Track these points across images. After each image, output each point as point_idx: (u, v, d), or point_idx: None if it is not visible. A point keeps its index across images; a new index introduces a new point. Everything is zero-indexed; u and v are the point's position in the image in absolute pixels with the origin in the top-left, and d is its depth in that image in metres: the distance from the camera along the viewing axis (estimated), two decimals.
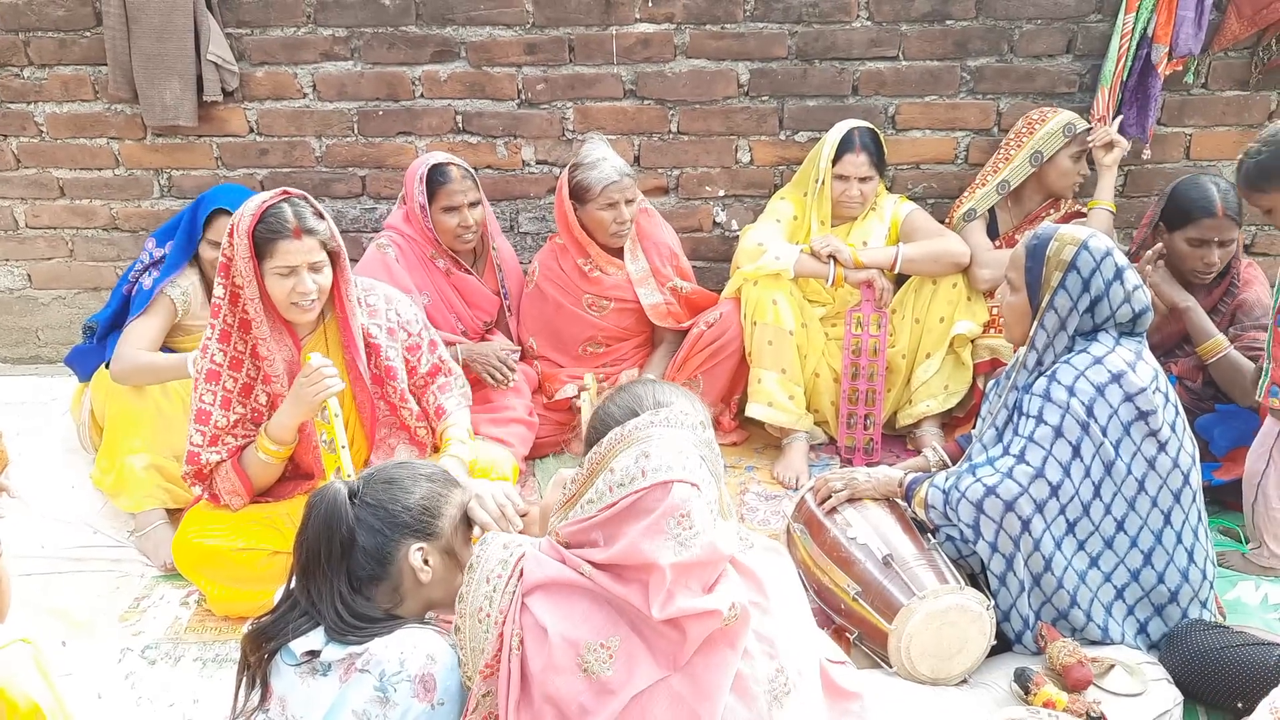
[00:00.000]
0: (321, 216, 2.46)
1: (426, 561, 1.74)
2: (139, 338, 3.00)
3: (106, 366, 3.05)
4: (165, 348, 3.10)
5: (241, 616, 2.64)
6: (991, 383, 2.63)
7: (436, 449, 2.69)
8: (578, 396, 3.25)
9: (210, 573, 2.59)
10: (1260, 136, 2.54)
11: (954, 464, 2.64)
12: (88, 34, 3.55)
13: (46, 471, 3.25)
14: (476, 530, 1.85)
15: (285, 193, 2.44)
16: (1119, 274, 2.25)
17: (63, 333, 4.04)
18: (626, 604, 1.49)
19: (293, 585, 1.77)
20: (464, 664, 1.61)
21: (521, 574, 1.57)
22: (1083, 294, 2.25)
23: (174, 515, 2.92)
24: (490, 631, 1.55)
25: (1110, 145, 3.18)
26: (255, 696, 1.72)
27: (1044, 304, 2.28)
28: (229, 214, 2.99)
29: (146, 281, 3.10)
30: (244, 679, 1.74)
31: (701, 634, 1.46)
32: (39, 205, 3.83)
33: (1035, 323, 2.31)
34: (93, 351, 3.21)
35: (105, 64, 3.55)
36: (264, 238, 2.37)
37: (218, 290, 2.45)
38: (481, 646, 1.56)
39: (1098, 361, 2.21)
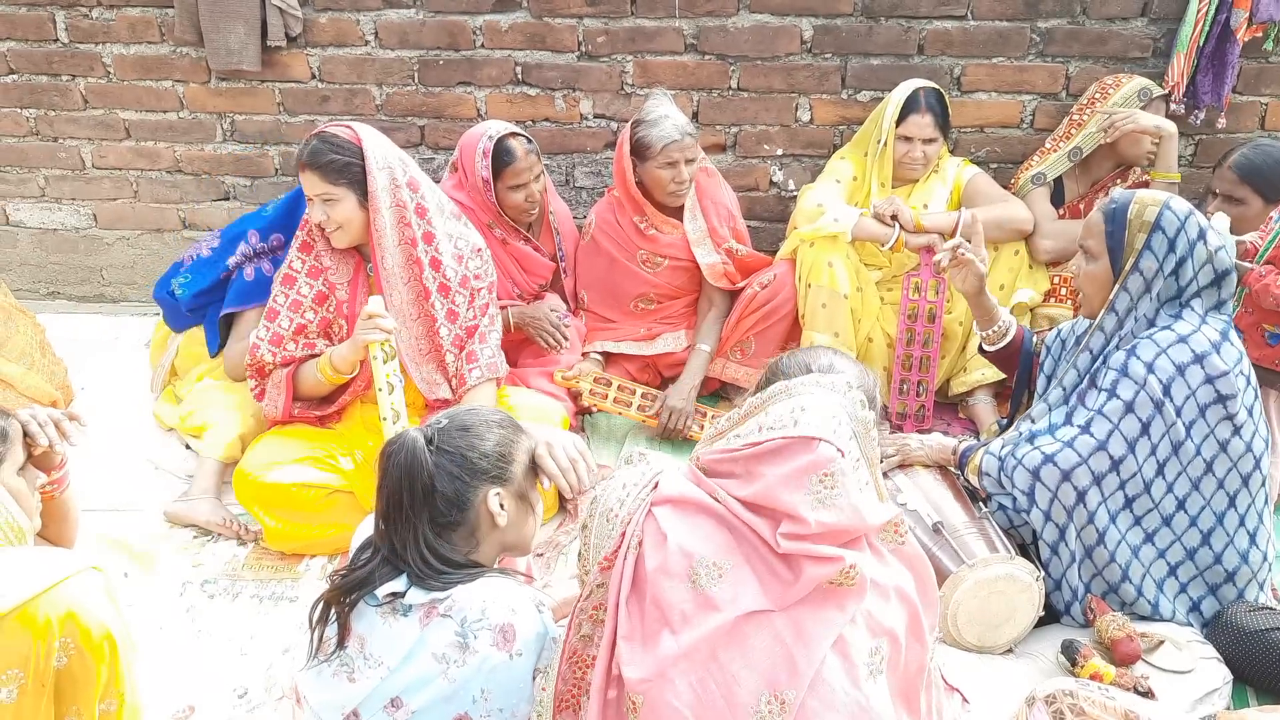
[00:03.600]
0: (344, 152, 2.59)
1: (502, 506, 1.78)
2: (245, 339, 2.98)
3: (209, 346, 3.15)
4: None
5: (297, 554, 2.72)
6: (1053, 334, 2.59)
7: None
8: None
9: (269, 508, 2.66)
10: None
11: (1012, 345, 2.65)
12: None
13: (110, 408, 3.34)
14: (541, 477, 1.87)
15: (342, 125, 2.66)
16: (1202, 234, 2.21)
17: (126, 272, 4.12)
18: (751, 535, 1.54)
19: (376, 536, 1.78)
20: (583, 559, 1.69)
21: (656, 486, 1.63)
22: (1168, 254, 2.20)
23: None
24: (615, 530, 1.61)
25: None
26: (332, 637, 1.75)
27: (1128, 267, 2.24)
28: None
29: (249, 270, 3.07)
30: (323, 623, 1.76)
31: (814, 579, 1.49)
32: (105, 146, 3.90)
33: (1118, 286, 2.26)
34: (183, 314, 3.21)
35: (172, 6, 3.58)
36: (298, 171, 2.65)
37: (307, 207, 2.68)
38: (602, 544, 1.63)
39: (1182, 340, 2.18)
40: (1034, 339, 2.66)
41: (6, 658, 1.65)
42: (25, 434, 1.90)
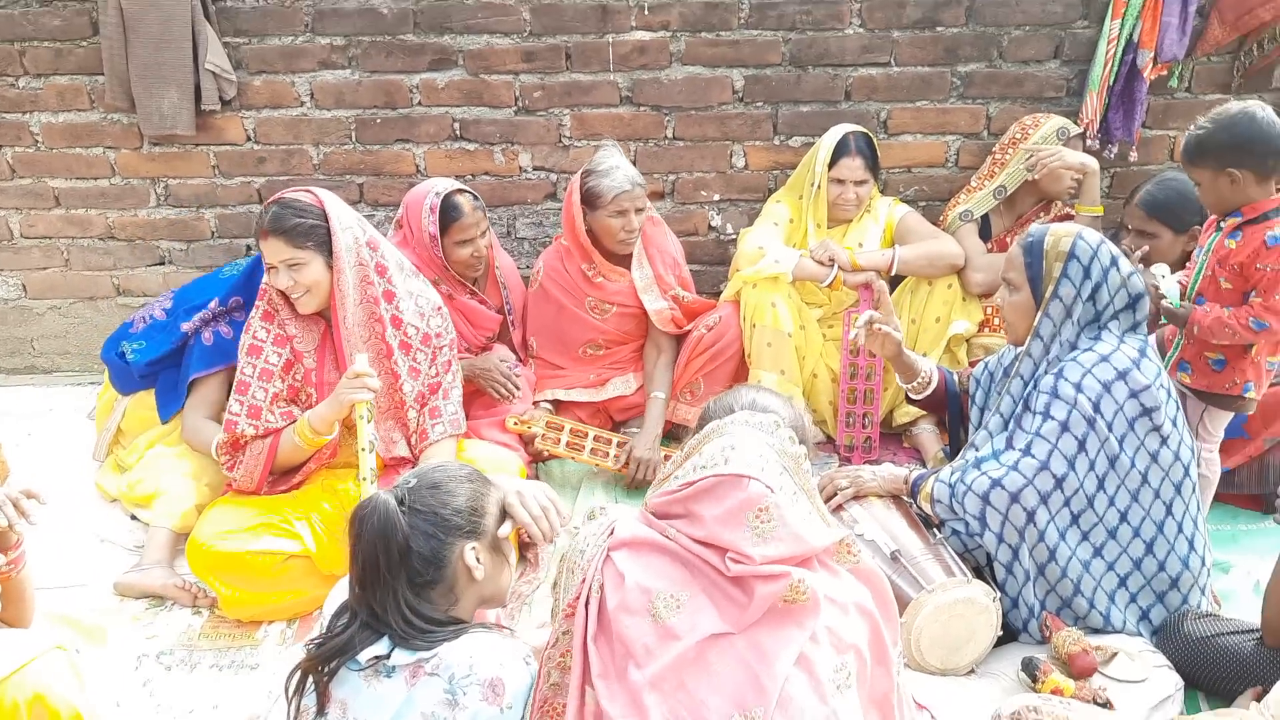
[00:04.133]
0: (308, 215, 2.59)
1: (479, 559, 1.78)
2: (203, 405, 3.00)
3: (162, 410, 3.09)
4: None
5: (255, 620, 2.67)
6: (980, 368, 2.69)
7: (415, 461, 2.80)
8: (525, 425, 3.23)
9: (225, 576, 2.61)
10: (1210, 113, 2.54)
11: (937, 392, 2.76)
12: (84, 43, 3.56)
13: (50, 481, 3.24)
14: (508, 527, 1.88)
15: (302, 189, 2.66)
16: (1114, 261, 2.35)
17: (58, 342, 4.03)
18: (703, 565, 1.60)
19: (352, 601, 1.77)
20: (554, 611, 1.74)
21: (612, 533, 1.68)
22: (1084, 280, 2.33)
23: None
24: (578, 578, 1.66)
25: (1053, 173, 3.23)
26: (310, 705, 1.72)
27: (1048, 295, 2.36)
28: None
29: (207, 335, 3.04)
30: (299, 692, 1.74)
31: (766, 598, 1.54)
32: (34, 215, 3.83)
33: (1040, 313, 2.38)
34: (134, 378, 3.14)
35: (102, 73, 3.56)
36: (259, 237, 2.63)
37: (267, 275, 2.67)
38: (569, 594, 1.67)
39: (1104, 359, 2.29)
40: (956, 378, 2.79)
41: None
42: None
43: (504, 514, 1.88)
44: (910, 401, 2.85)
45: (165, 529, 2.85)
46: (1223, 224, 2.56)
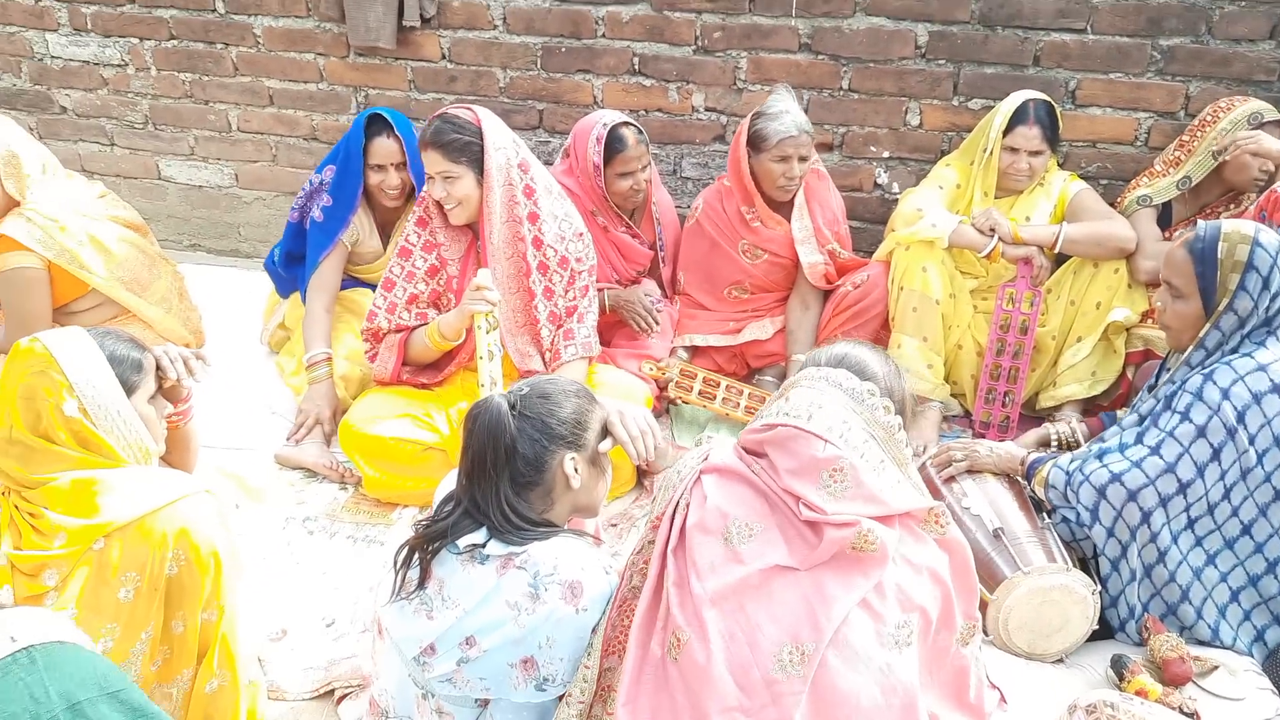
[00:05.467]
0: (464, 132, 2.74)
1: (577, 469, 1.90)
2: (323, 290, 3.32)
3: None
4: (347, 275, 3.46)
5: (391, 502, 2.92)
6: (1148, 382, 2.58)
7: None
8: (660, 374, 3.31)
9: (370, 457, 2.86)
10: None
11: (1088, 440, 2.63)
12: None
13: (236, 355, 3.61)
14: (609, 443, 1.99)
15: (464, 107, 2.81)
16: None
17: (261, 230, 4.41)
18: (781, 503, 1.68)
19: (458, 491, 1.93)
20: (650, 517, 1.85)
21: (706, 457, 1.79)
22: (1263, 291, 2.21)
23: None
24: (668, 494, 1.78)
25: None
26: (414, 579, 1.90)
27: (1221, 308, 2.23)
28: (390, 132, 3.25)
29: (317, 212, 3.31)
30: (406, 565, 1.92)
31: (834, 542, 1.61)
32: (250, 111, 4.18)
33: (1210, 325, 2.26)
34: (286, 279, 3.52)
35: None
36: (420, 149, 2.80)
37: (426, 184, 2.84)
38: (659, 508, 1.80)
39: (1261, 368, 2.18)
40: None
41: (126, 562, 1.87)
42: (158, 367, 2.11)
43: (605, 431, 1.99)
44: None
45: None
46: None
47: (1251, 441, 2.16)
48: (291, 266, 3.47)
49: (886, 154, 3.70)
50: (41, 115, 4.39)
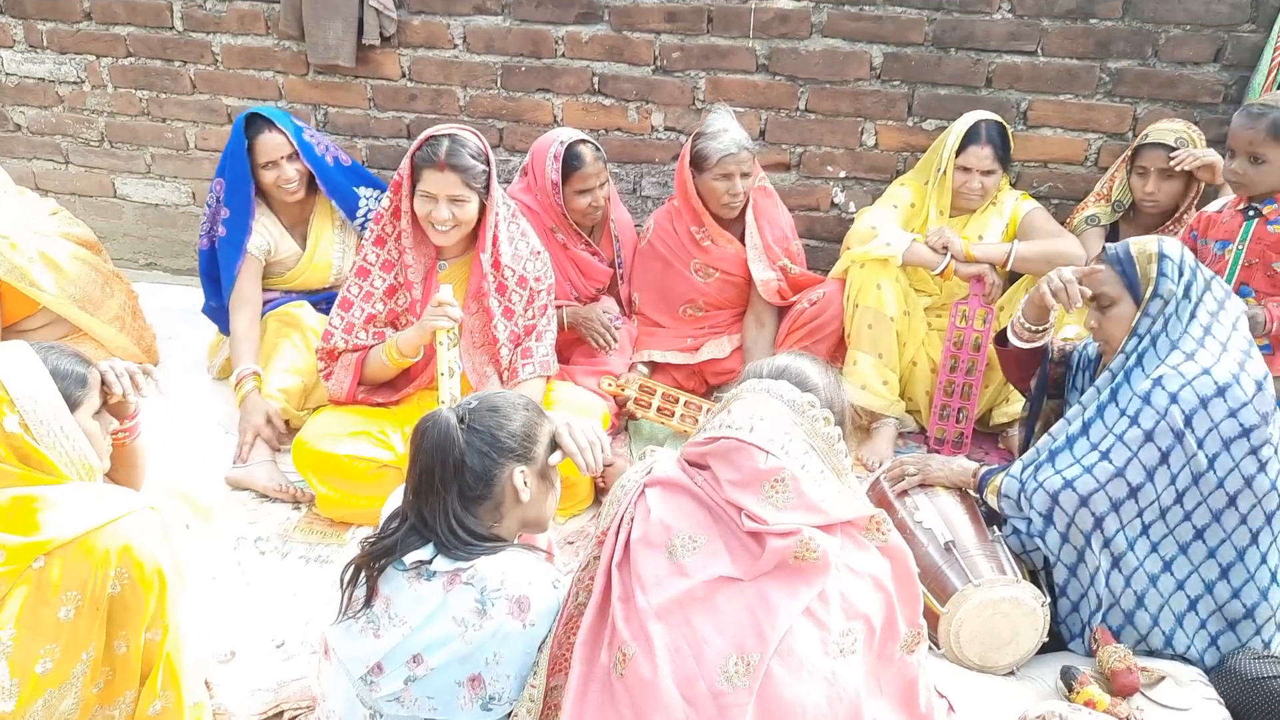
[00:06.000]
0: (478, 157, 2.72)
1: (526, 483, 1.89)
2: (244, 305, 3.35)
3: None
4: (278, 290, 3.50)
5: (345, 521, 2.89)
6: (1082, 346, 2.62)
7: None
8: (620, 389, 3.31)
9: (323, 475, 2.84)
10: None
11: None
12: None
13: (190, 373, 3.57)
14: (558, 456, 1.98)
15: (462, 128, 2.76)
16: (1197, 262, 2.32)
17: None
18: (724, 514, 1.69)
19: (405, 506, 1.91)
20: (595, 533, 1.85)
21: (650, 471, 1.79)
22: (1180, 275, 2.29)
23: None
24: (613, 509, 1.79)
25: (1206, 166, 3.09)
26: (360, 597, 1.88)
27: (1149, 295, 2.31)
28: (271, 127, 3.27)
29: (220, 229, 3.34)
30: (353, 583, 1.89)
31: (777, 551, 1.62)
32: (208, 129, 4.16)
33: (1140, 312, 2.32)
34: (220, 310, 3.50)
35: (278, 1, 3.83)
36: (418, 163, 2.72)
37: (385, 201, 2.84)
38: (604, 523, 1.81)
39: (1205, 372, 2.21)
40: (1052, 347, 2.68)
41: (67, 581, 1.83)
42: (103, 382, 2.08)
43: (555, 445, 1.99)
44: (1000, 343, 2.71)
45: None
46: (1255, 211, 2.60)
47: (1200, 445, 2.20)
48: (217, 296, 3.46)
49: (843, 174, 3.74)
50: None
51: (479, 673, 1.78)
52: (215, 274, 3.43)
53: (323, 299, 3.47)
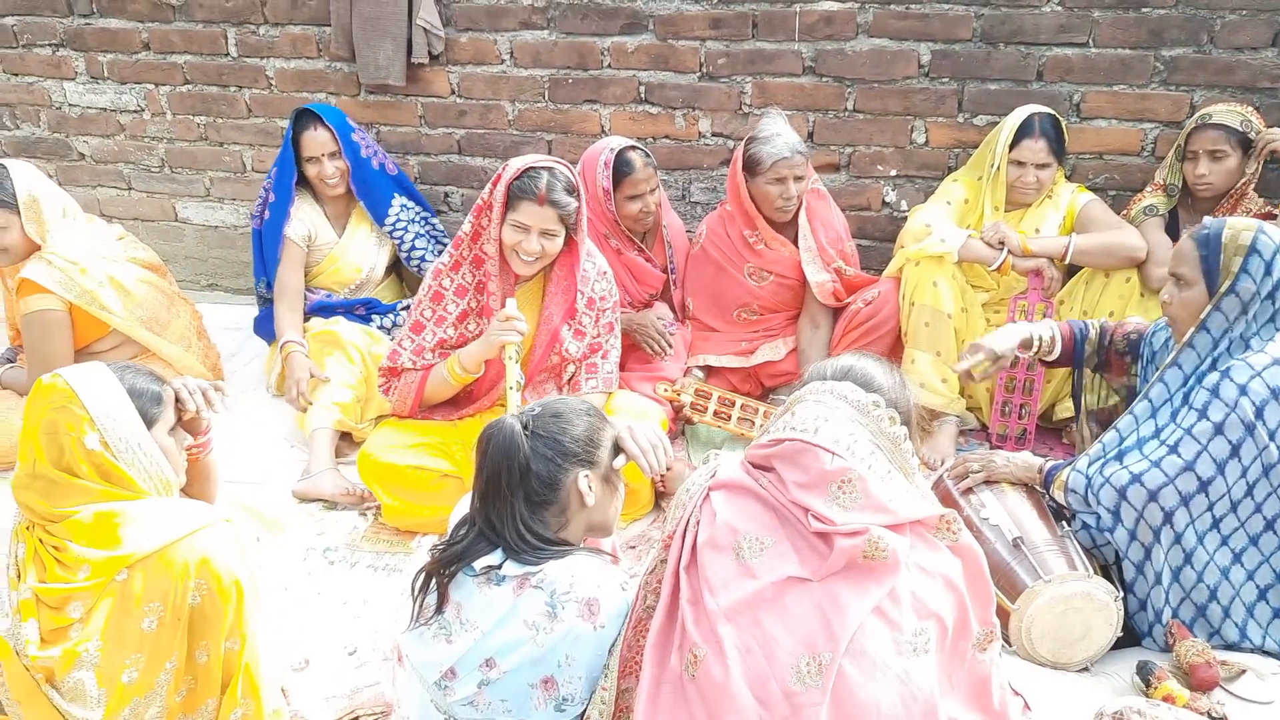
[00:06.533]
0: (572, 193, 2.73)
1: (591, 487, 1.91)
2: (284, 291, 3.59)
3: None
4: (314, 290, 3.70)
5: (411, 530, 2.93)
6: (1153, 330, 2.58)
7: None
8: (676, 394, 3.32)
9: (388, 486, 2.88)
10: None
11: (1063, 346, 2.68)
12: None
13: (255, 390, 3.64)
14: (622, 459, 2.00)
15: (557, 161, 2.75)
16: None
17: None
18: (790, 515, 1.69)
19: (473, 513, 1.93)
20: (662, 537, 1.86)
21: (715, 475, 1.80)
22: (1265, 277, 2.22)
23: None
24: (679, 513, 1.79)
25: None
26: (431, 604, 1.91)
27: (1223, 289, 2.24)
28: (319, 124, 3.50)
29: (268, 213, 3.61)
30: (424, 590, 1.92)
31: (846, 551, 1.62)
32: (264, 151, 4.25)
33: (1211, 307, 2.26)
34: (269, 316, 3.67)
35: (329, 25, 3.90)
36: (515, 194, 2.70)
37: (466, 225, 2.83)
38: (671, 526, 1.81)
39: (1276, 362, 2.18)
40: (1102, 332, 2.66)
41: (149, 593, 1.88)
42: (177, 400, 2.14)
43: (618, 449, 2.00)
44: (1043, 363, 2.76)
45: (326, 429, 3.20)
46: None
47: (1271, 437, 2.16)
48: (264, 273, 3.72)
49: (894, 172, 3.72)
50: (60, 162, 4.48)
51: (551, 675, 1.80)
52: (264, 254, 3.69)
53: (357, 305, 3.69)
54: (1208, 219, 2.36)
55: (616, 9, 3.67)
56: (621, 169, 3.27)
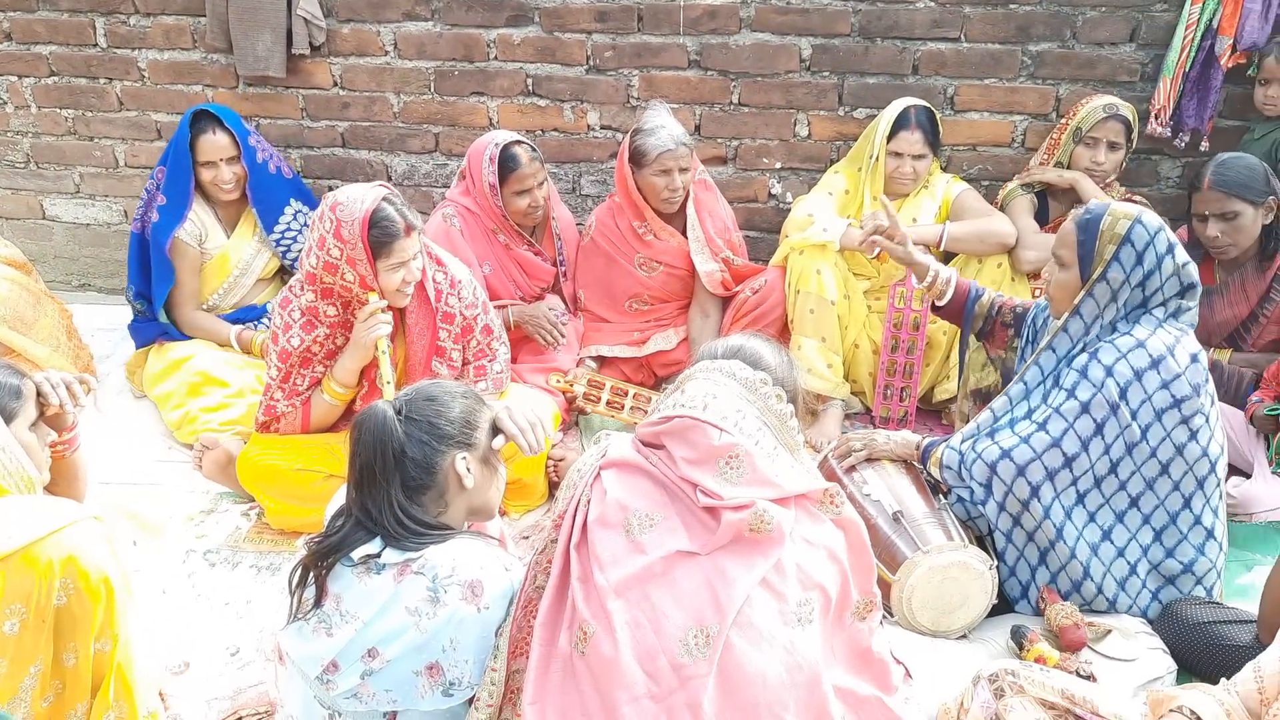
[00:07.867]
0: (409, 206, 2.68)
1: (469, 469, 1.89)
2: (187, 296, 3.41)
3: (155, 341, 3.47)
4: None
5: (295, 531, 2.85)
6: (1035, 310, 2.66)
7: None
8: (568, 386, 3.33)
9: (270, 489, 2.81)
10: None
11: (955, 296, 2.78)
12: None
13: (131, 393, 3.51)
14: (500, 440, 1.99)
15: (384, 190, 2.65)
16: (1170, 248, 2.30)
17: None
18: (679, 491, 1.71)
19: (349, 503, 1.90)
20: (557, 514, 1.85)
21: (605, 454, 1.80)
22: (1136, 267, 2.29)
23: None
24: (569, 493, 1.79)
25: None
26: (310, 598, 1.86)
27: (1095, 276, 2.32)
28: (218, 128, 3.35)
29: (154, 214, 3.39)
30: (301, 585, 1.87)
31: (733, 525, 1.64)
32: (137, 145, 4.10)
33: (1084, 293, 2.34)
34: (147, 324, 3.50)
35: (204, 15, 3.78)
36: (379, 240, 2.59)
37: (307, 296, 2.70)
38: (560, 506, 1.81)
39: (1140, 345, 2.27)
40: (991, 303, 2.75)
41: (11, 594, 1.79)
42: (39, 393, 2.05)
43: (496, 431, 1.99)
44: (935, 310, 2.85)
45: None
46: None
47: (1134, 416, 2.26)
48: (141, 282, 3.50)
49: (778, 165, 3.79)
50: None
51: (436, 660, 1.78)
52: (144, 260, 3.47)
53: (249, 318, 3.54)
54: (1093, 201, 2.44)
55: (501, 1, 3.65)
56: (507, 164, 3.25)
